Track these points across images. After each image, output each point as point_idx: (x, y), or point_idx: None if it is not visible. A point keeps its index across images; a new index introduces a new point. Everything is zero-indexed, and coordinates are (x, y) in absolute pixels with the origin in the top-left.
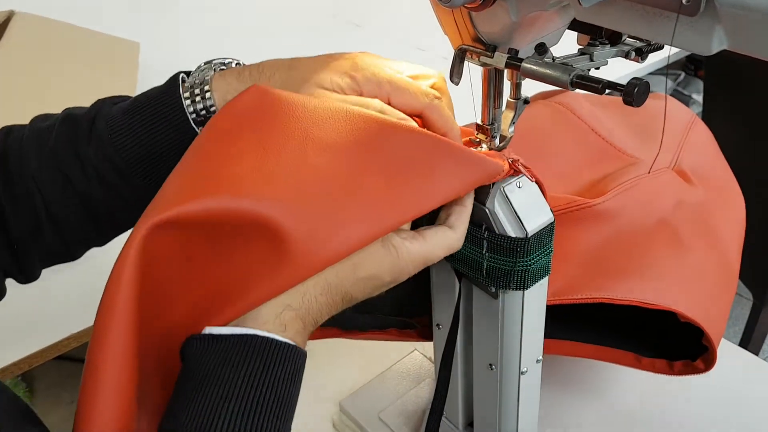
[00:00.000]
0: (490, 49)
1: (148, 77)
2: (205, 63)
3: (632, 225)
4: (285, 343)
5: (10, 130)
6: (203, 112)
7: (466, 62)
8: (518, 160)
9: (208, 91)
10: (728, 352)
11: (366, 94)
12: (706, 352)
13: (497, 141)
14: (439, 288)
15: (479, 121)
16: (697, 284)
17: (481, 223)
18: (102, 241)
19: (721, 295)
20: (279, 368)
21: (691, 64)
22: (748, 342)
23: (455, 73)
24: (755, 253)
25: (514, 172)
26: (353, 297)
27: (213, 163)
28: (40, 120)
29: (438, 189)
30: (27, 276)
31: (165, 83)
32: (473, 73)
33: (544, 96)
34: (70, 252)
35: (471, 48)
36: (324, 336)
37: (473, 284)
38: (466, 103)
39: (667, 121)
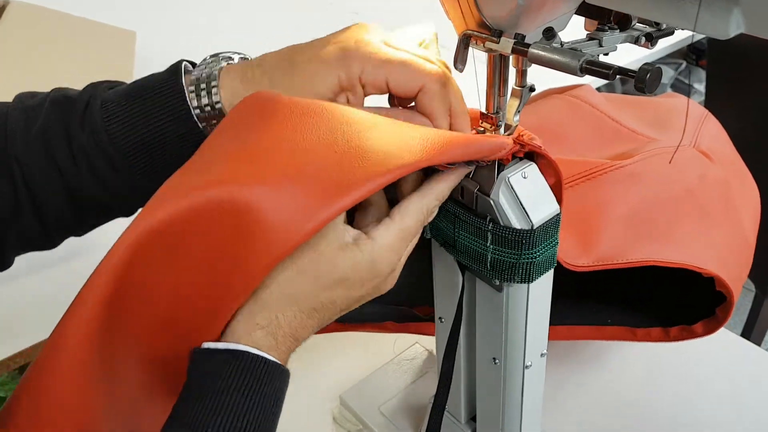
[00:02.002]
0: (496, 34)
1: (145, 67)
2: (211, 56)
3: (662, 190)
4: (272, 361)
5: None
6: (208, 108)
7: (470, 48)
8: (522, 134)
9: (215, 86)
10: (730, 342)
11: (366, 83)
12: (711, 317)
13: (502, 130)
14: (442, 281)
15: (484, 110)
16: (723, 255)
17: (485, 215)
18: (82, 230)
19: (739, 271)
20: (265, 385)
21: (693, 54)
22: (750, 332)
23: (459, 60)
24: (759, 243)
25: (520, 146)
26: (330, 307)
27: (201, 164)
28: (27, 97)
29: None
30: (1, 262)
31: (166, 71)
32: (477, 61)
33: (558, 91)
34: (48, 238)
35: (476, 33)
36: (323, 330)
37: (477, 277)
38: (470, 92)
39: (681, 113)
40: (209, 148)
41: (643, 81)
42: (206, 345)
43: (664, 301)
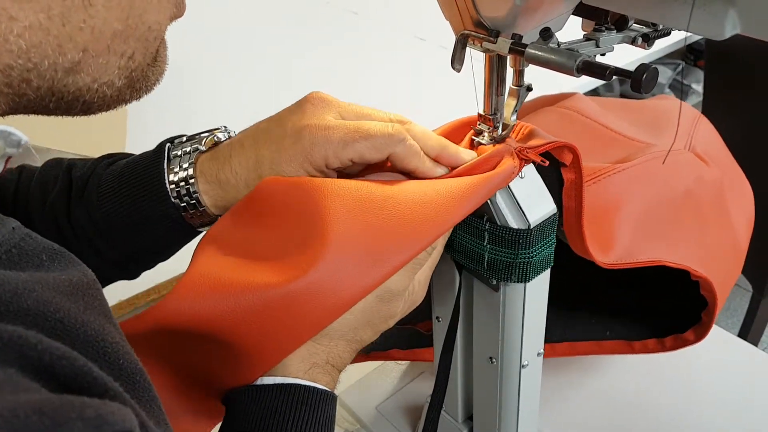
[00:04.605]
0: (493, 34)
1: None
2: (188, 138)
3: (664, 192)
4: (323, 390)
5: (23, 168)
6: (193, 211)
7: (467, 49)
8: (524, 148)
9: (195, 192)
10: (727, 342)
11: (332, 167)
12: (698, 324)
13: (500, 130)
14: (439, 280)
15: (481, 111)
16: (712, 258)
17: (482, 214)
18: None
19: (728, 273)
20: (320, 414)
21: (691, 54)
22: (747, 333)
23: (456, 60)
24: (755, 244)
25: (525, 161)
26: (371, 337)
27: (245, 252)
28: (50, 167)
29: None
30: None
31: (152, 153)
32: (475, 61)
33: (548, 102)
34: None
35: (473, 33)
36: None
37: (474, 276)
38: (467, 92)
39: (674, 115)
40: (245, 237)
41: (639, 81)
42: (264, 381)
43: (653, 309)
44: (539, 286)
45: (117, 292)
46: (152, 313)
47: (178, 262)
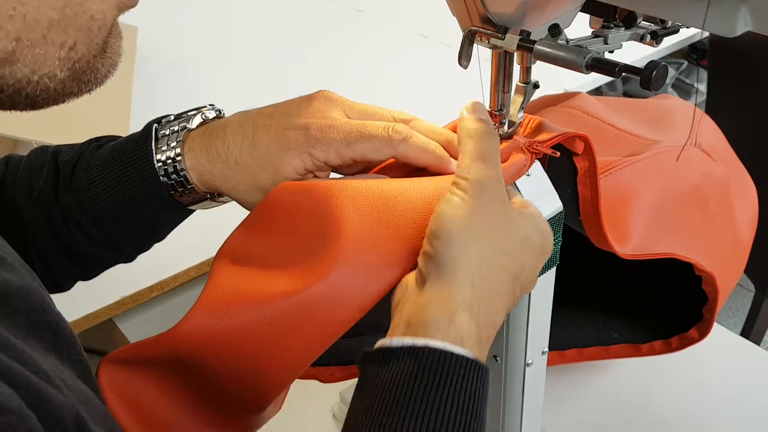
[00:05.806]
0: (501, 31)
1: (146, 61)
2: (175, 117)
3: (673, 185)
4: (461, 356)
5: (9, 158)
6: (181, 189)
7: (475, 45)
8: (534, 142)
9: (183, 170)
10: (730, 342)
11: (333, 165)
12: (700, 322)
13: (506, 127)
14: None
15: (488, 107)
16: (715, 254)
17: None
18: (87, 277)
19: (731, 270)
20: (458, 383)
21: (694, 53)
22: (750, 332)
23: (464, 57)
24: (757, 243)
25: (535, 154)
26: (522, 271)
27: (265, 262)
28: (36, 156)
29: None
30: None
31: (139, 135)
32: (481, 58)
33: (552, 102)
34: (57, 284)
35: (481, 30)
36: (339, 379)
37: None
38: (470, 89)
39: (677, 113)
40: (259, 247)
41: (648, 78)
42: (381, 343)
43: (656, 307)
44: (544, 285)
45: (120, 289)
46: (172, 334)
47: (182, 255)
